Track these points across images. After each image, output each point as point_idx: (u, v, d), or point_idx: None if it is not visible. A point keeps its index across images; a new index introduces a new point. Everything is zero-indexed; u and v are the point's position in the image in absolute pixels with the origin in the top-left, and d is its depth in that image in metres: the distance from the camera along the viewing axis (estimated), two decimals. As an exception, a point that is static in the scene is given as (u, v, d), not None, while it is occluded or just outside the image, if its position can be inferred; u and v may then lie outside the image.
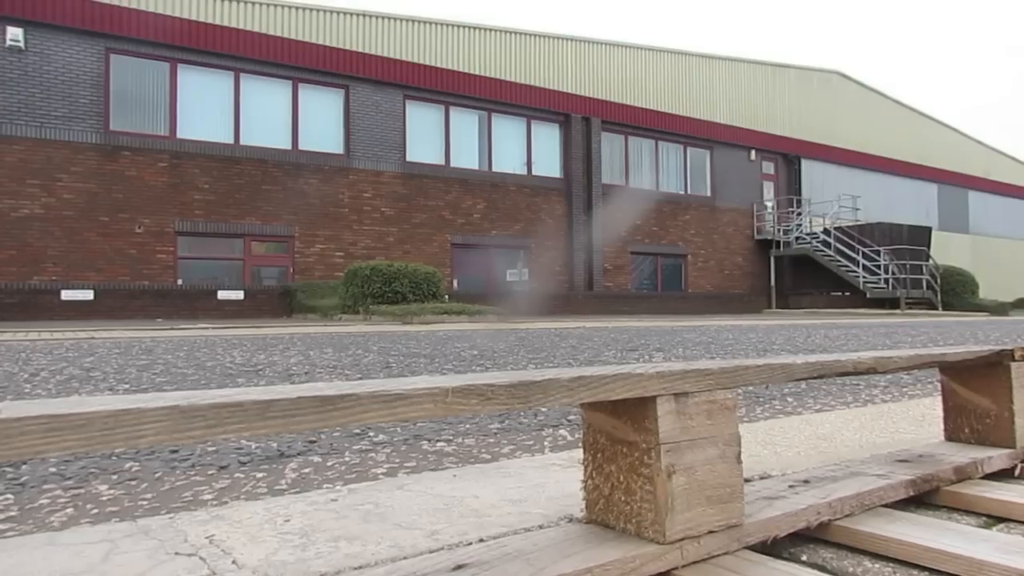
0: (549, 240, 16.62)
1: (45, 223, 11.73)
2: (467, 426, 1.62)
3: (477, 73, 15.82)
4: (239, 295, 12.48)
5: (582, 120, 17.24)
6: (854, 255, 18.29)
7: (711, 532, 0.59)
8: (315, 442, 1.35)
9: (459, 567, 0.54)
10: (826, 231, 19.09)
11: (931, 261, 19.06)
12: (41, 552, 0.69)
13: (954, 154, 25.60)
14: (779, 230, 20.12)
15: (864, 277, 18.11)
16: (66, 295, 11.37)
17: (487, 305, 12.07)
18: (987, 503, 0.79)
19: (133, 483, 1.07)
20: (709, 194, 19.41)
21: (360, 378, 2.60)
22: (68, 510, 0.93)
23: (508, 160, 16.34)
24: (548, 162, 17.00)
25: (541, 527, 0.74)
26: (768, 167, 20.89)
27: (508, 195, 16.05)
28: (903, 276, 18.03)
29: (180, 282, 12.66)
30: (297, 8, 14.12)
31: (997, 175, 27.19)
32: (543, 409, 1.72)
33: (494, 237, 15.81)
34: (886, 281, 18.05)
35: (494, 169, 16.06)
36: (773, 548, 0.66)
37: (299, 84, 14.01)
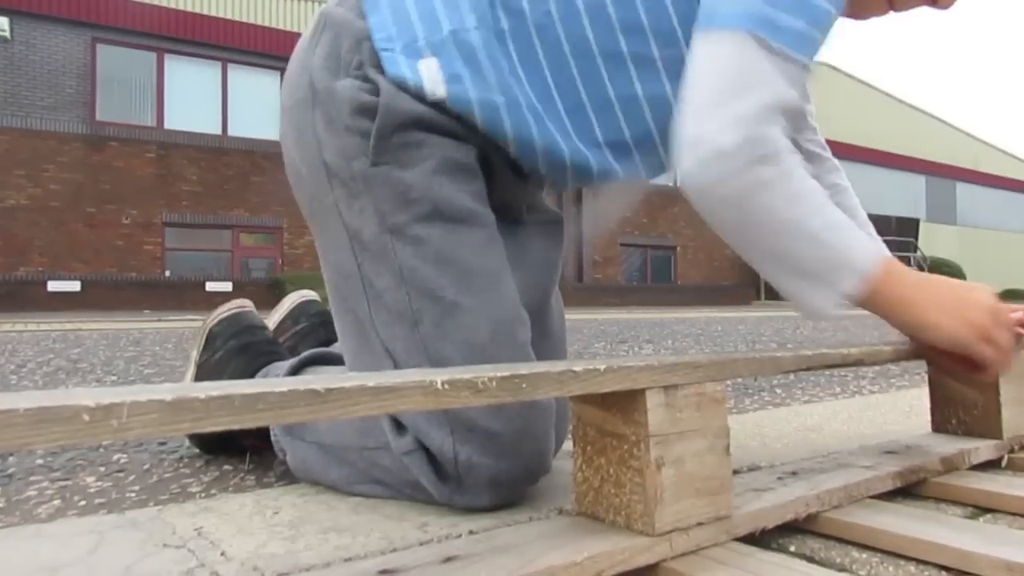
0: (539, 232, 16.59)
1: (31, 214, 11.64)
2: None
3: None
4: (227, 287, 12.39)
5: (572, 112, 17.21)
6: (843, 247, 18.36)
7: (700, 524, 0.59)
8: (305, 434, 1.35)
9: (449, 559, 0.54)
10: (815, 223, 19.16)
11: (919, 253, 19.17)
12: (29, 544, 0.69)
13: (943, 146, 25.71)
14: (768, 222, 20.14)
15: (852, 269, 18.19)
16: (52, 286, 11.26)
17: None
18: (974, 494, 0.80)
19: (121, 475, 1.07)
20: (699, 186, 19.40)
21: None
22: (56, 502, 0.92)
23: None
24: (538, 154, 16.95)
25: (531, 519, 0.74)
26: (758, 159, 20.88)
27: (498, 187, 16.00)
28: (891, 268, 18.11)
29: (168, 273, 12.59)
30: (286, -3, 14.04)
31: (985, 167, 27.34)
32: (533, 401, 1.72)
33: (484, 229, 15.77)
34: (874, 273, 18.14)
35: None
36: (762, 539, 0.66)
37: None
